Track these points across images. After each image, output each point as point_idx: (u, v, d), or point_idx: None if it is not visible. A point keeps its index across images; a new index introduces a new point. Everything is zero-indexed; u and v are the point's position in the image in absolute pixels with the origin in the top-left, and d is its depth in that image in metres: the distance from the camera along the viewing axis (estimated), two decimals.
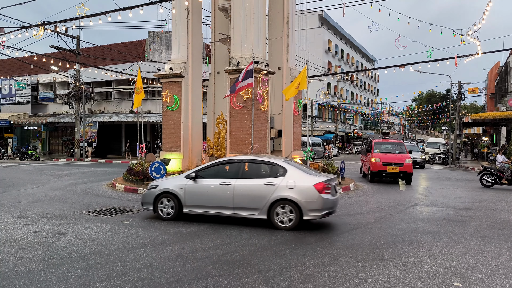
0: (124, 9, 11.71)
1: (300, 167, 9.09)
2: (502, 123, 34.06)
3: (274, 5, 17.81)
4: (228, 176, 8.86)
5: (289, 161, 9.22)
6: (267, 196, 8.38)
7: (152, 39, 35.51)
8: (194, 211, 9.06)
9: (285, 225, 8.33)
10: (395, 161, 17.21)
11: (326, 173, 10.18)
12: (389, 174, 17.30)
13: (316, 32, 55.52)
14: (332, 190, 8.56)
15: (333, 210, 8.72)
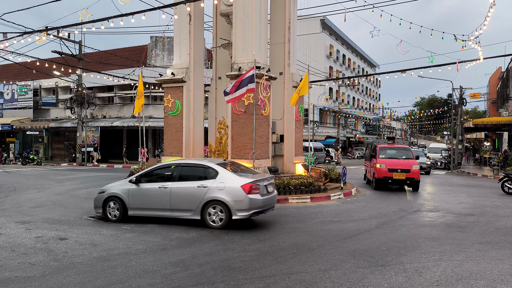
0: (126, 14, 11.76)
1: (235, 168, 9.62)
2: (504, 128, 33.99)
3: (276, 10, 17.87)
4: (166, 180, 9.42)
5: (223, 163, 9.65)
6: (199, 198, 8.90)
7: (154, 44, 35.65)
8: (137, 213, 9.62)
9: (216, 224, 8.82)
10: (402, 167, 16.33)
11: (266, 174, 10.45)
12: (395, 181, 16.45)
13: (318, 37, 55.64)
14: (262, 190, 8.97)
15: (264, 209, 9.16)
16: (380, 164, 16.54)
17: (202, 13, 17.60)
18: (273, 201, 9.51)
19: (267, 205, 9.15)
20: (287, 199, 13.11)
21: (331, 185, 15.70)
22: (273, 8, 17.95)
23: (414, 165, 16.42)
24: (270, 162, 16.15)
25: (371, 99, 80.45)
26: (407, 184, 16.60)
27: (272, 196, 9.46)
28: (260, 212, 9.10)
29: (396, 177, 16.20)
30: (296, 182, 14.07)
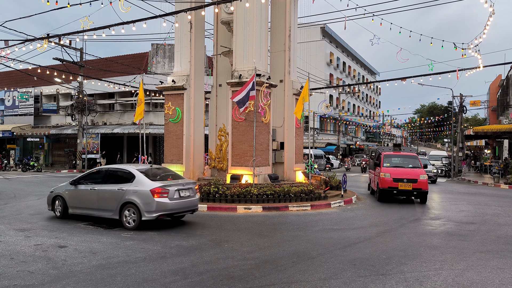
0: (128, 22, 11.82)
1: (156, 172, 10.42)
2: (505, 136, 33.98)
3: (276, 18, 17.96)
4: (97, 183, 10.45)
5: (145, 169, 10.39)
6: (118, 200, 9.75)
7: (155, 52, 35.78)
8: (75, 212, 10.83)
9: (130, 225, 9.55)
10: (408, 176, 14.96)
11: (185, 180, 10.85)
12: (400, 192, 15.05)
13: (318, 45, 55.84)
14: (172, 195, 9.64)
15: (176, 212, 9.93)
16: (384, 173, 15.26)
17: (203, 21, 17.69)
18: (189, 205, 10.16)
19: (179, 208, 9.89)
20: (287, 207, 13.08)
21: (331, 193, 15.68)
22: (273, 16, 18.04)
23: (421, 175, 15.03)
24: (270, 169, 16.15)
25: (372, 107, 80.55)
26: (414, 195, 15.16)
27: (187, 200, 10.09)
28: (172, 215, 10.03)
29: (402, 187, 14.85)
30: (296, 189, 14.05)
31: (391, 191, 15.09)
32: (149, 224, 9.96)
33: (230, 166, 15.51)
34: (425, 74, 19.73)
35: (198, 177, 17.24)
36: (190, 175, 16.76)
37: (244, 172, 14.93)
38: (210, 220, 11.05)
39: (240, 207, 12.78)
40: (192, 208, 10.37)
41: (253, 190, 13.45)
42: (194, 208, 10.48)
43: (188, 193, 10.14)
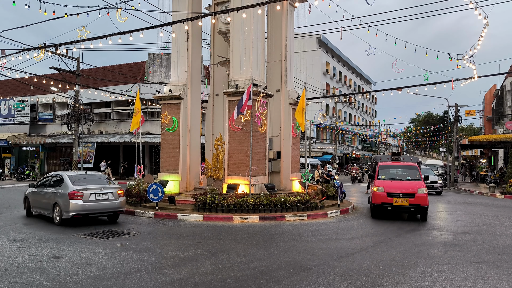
0: (125, 32, 11.86)
1: (79, 178, 11.86)
2: (500, 145, 34.16)
3: (273, 29, 18.07)
4: (46, 186, 12.27)
5: (73, 173, 12.37)
6: (51, 200, 11.60)
7: (152, 61, 35.85)
8: (34, 211, 12.80)
9: (56, 221, 11.42)
10: (404, 190, 13.22)
11: (108, 185, 12.07)
12: (395, 208, 13.29)
13: (314, 54, 56.15)
14: (87, 197, 11.16)
15: (91, 213, 11.40)
16: (377, 187, 13.62)
17: (200, 31, 17.78)
18: (106, 207, 11.58)
19: (93, 210, 11.35)
20: (284, 217, 13.04)
21: (328, 202, 15.66)
22: (270, 26, 18.16)
23: (420, 188, 13.28)
24: (267, 179, 16.13)
25: (368, 116, 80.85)
26: (411, 212, 13.39)
27: (105, 203, 11.52)
28: (88, 215, 11.47)
29: (397, 203, 13.10)
30: (293, 199, 14.03)
31: (385, 207, 13.36)
32: (146, 235, 9.88)
33: (227, 176, 15.48)
34: (421, 84, 19.87)
35: (195, 186, 17.19)
36: (186, 184, 16.72)
37: (240, 182, 14.91)
38: (206, 230, 11.00)
39: (236, 217, 12.74)
40: (111, 210, 11.75)
41: (249, 199, 13.42)
42: (114, 211, 11.84)
43: (106, 197, 11.58)
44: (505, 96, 36.48)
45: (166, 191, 15.39)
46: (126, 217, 13.32)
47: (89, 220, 12.26)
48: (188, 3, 16.69)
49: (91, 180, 11.96)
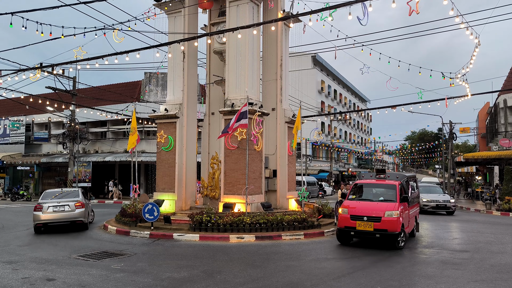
0: (121, 53, 11.96)
1: (51, 193, 14.96)
2: (495, 162, 34.33)
3: (268, 48, 18.27)
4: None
5: (50, 190, 15.49)
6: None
7: (148, 80, 36.03)
8: None
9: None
10: (369, 213, 11.33)
11: (71, 199, 14.50)
12: (359, 234, 11.53)
13: (309, 73, 56.67)
14: (46, 209, 13.69)
15: (48, 222, 13.93)
16: (343, 209, 11.97)
17: (196, 51, 17.94)
18: (64, 217, 13.95)
19: (52, 220, 13.83)
20: (280, 236, 12.95)
21: (324, 221, 15.57)
22: (265, 45, 18.36)
23: (389, 211, 11.24)
24: (263, 197, 16.08)
25: (363, 133, 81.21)
26: (377, 238, 11.25)
27: (62, 214, 13.87)
28: (47, 224, 14.04)
29: (360, 227, 11.28)
30: (289, 218, 13.95)
31: (348, 232, 11.64)
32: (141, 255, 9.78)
33: (223, 195, 15.43)
34: (415, 102, 20.04)
35: (191, 205, 17.10)
36: (182, 203, 16.62)
37: (236, 201, 14.85)
38: (202, 250, 10.90)
39: (232, 236, 12.64)
40: (70, 220, 14.09)
41: (245, 219, 13.34)
42: (72, 220, 14.14)
43: (63, 209, 13.88)
44: (499, 113, 36.81)
45: (162, 210, 15.29)
46: (121, 237, 13.19)
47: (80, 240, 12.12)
48: (184, 24, 16.89)
49: (63, 195, 14.78)
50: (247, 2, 15.34)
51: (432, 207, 22.84)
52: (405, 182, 12.98)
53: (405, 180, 13.16)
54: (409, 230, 12.62)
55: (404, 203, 11.90)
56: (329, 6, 9.99)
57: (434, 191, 24.68)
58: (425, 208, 22.60)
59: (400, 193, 12.06)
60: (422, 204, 21.99)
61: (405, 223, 11.79)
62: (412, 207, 12.95)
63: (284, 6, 18.35)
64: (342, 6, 9.43)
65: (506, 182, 26.95)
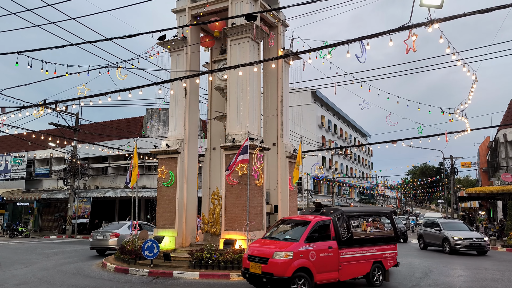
0: (124, 90, 12.16)
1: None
2: (498, 197, 34.08)
3: (269, 84, 18.56)
4: None
5: None
6: None
7: (150, 116, 36.41)
8: None
9: None
10: (261, 254, 10.03)
11: None
12: (252, 277, 10.22)
13: (309, 108, 57.29)
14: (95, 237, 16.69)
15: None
16: (247, 249, 11.05)
17: (198, 87, 18.23)
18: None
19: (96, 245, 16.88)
20: None
21: None
22: (266, 82, 18.66)
23: (279, 251, 9.68)
24: (264, 233, 15.86)
25: (364, 168, 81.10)
26: (264, 283, 9.83)
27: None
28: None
29: (253, 269, 10.07)
30: None
31: (244, 273, 10.47)
32: None
33: (223, 231, 15.25)
34: (415, 137, 20.15)
35: (191, 242, 16.86)
36: (182, 240, 16.40)
37: (237, 237, 14.66)
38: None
39: (233, 273, 12.41)
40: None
41: None
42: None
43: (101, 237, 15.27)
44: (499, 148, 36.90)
45: (162, 247, 15.08)
46: (120, 275, 12.95)
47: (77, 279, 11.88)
48: (186, 62, 17.24)
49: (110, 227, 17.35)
50: (248, 41, 15.72)
51: (466, 247, 19.79)
52: (340, 218, 10.88)
53: (342, 216, 10.98)
54: (345, 277, 10.51)
55: (320, 243, 10.13)
56: (328, 45, 10.24)
57: (460, 228, 21.75)
58: (457, 248, 19.85)
59: (313, 231, 10.22)
60: (454, 244, 19.83)
61: (317, 267, 9.83)
62: (364, 248, 11.01)
63: (284, 44, 18.79)
64: (341, 44, 9.67)
65: (510, 217, 26.68)
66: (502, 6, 8.06)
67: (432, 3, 8.27)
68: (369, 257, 11.09)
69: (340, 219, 10.82)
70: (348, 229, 10.82)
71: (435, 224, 22.24)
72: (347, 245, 10.57)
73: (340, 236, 10.49)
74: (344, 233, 10.63)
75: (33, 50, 11.20)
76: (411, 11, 8.79)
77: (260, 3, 16.99)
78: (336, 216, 10.83)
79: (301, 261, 9.58)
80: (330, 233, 10.44)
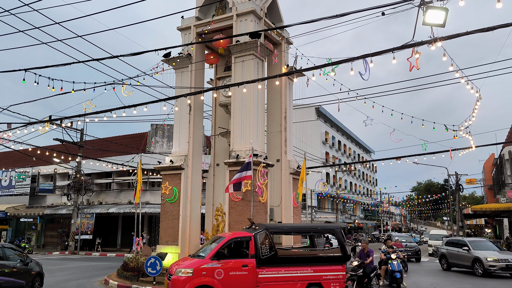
0: (129, 106, 12.26)
1: None
2: (504, 214, 33.77)
3: (273, 101, 18.65)
4: None
5: None
6: None
7: (154, 132, 36.58)
8: None
9: None
10: (170, 271, 10.14)
11: None
12: None
13: (313, 124, 57.40)
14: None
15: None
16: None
17: (202, 104, 18.34)
18: None
19: None
20: None
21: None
22: (270, 98, 18.76)
23: (181, 268, 9.70)
24: None
25: (368, 184, 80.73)
26: None
27: None
28: None
29: (165, 286, 10.27)
30: None
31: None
32: None
33: None
34: (419, 154, 20.09)
35: None
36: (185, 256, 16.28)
37: None
38: None
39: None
40: None
41: None
42: None
43: None
44: (504, 165, 36.70)
45: (165, 264, 14.96)
46: None
47: None
48: (191, 78, 17.40)
49: None
50: (252, 58, 15.87)
51: (501, 269, 17.52)
52: (262, 235, 10.25)
53: (265, 232, 10.34)
54: None
55: (232, 260, 9.74)
56: (332, 62, 10.32)
57: (489, 247, 19.55)
58: (491, 270, 17.61)
59: (224, 248, 9.93)
60: (487, 265, 17.65)
61: (225, 286, 9.38)
62: (294, 268, 10.03)
63: (287, 61, 18.94)
64: (344, 62, 9.74)
65: None
66: (504, 25, 8.12)
67: (435, 22, 8.35)
68: (302, 278, 10.00)
69: (262, 236, 10.13)
70: (271, 247, 10.01)
71: (462, 243, 20.07)
72: (269, 264, 9.78)
73: (259, 253, 9.78)
74: (265, 251, 9.86)
75: (40, 68, 11.35)
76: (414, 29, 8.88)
77: (264, 21, 17.20)
78: (258, 232, 10.16)
79: (202, 279, 9.16)
80: (249, 251, 9.81)
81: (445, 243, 22.41)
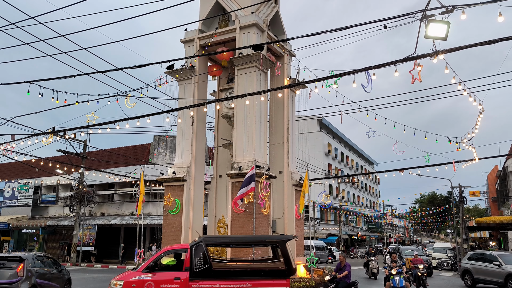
0: (133, 118, 12.32)
1: None
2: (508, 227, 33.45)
3: (275, 112, 18.72)
4: None
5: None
6: None
7: (157, 143, 36.65)
8: None
9: None
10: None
11: None
12: None
13: (316, 136, 57.40)
14: None
15: None
16: None
17: (205, 115, 18.43)
18: None
19: None
20: None
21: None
22: (272, 110, 18.82)
23: (113, 280, 9.72)
24: None
25: (371, 196, 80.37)
26: None
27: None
28: None
29: None
30: (298, 285, 13.48)
31: None
32: None
33: (229, 259, 15.05)
34: (422, 166, 20.02)
35: None
36: None
37: None
38: None
39: None
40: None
41: None
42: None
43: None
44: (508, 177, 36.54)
45: None
46: None
47: None
48: (194, 90, 17.50)
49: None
50: (254, 70, 15.97)
51: None
52: (198, 247, 9.91)
53: (200, 244, 9.97)
54: None
55: (164, 273, 9.71)
56: (334, 75, 10.37)
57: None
58: None
59: (157, 259, 9.97)
60: None
61: None
62: (231, 282, 9.64)
63: (290, 73, 19.04)
64: (346, 74, 9.79)
65: None
66: (506, 38, 8.16)
67: (437, 34, 8.40)
68: None
69: (198, 248, 9.87)
70: (205, 259, 9.71)
71: (490, 258, 18.40)
72: (203, 277, 9.55)
73: (193, 266, 9.62)
74: (199, 263, 9.64)
75: (44, 80, 11.44)
76: (416, 42, 8.94)
77: (267, 33, 17.34)
78: (195, 245, 9.95)
79: None
80: (184, 263, 9.73)
81: (468, 257, 20.72)
